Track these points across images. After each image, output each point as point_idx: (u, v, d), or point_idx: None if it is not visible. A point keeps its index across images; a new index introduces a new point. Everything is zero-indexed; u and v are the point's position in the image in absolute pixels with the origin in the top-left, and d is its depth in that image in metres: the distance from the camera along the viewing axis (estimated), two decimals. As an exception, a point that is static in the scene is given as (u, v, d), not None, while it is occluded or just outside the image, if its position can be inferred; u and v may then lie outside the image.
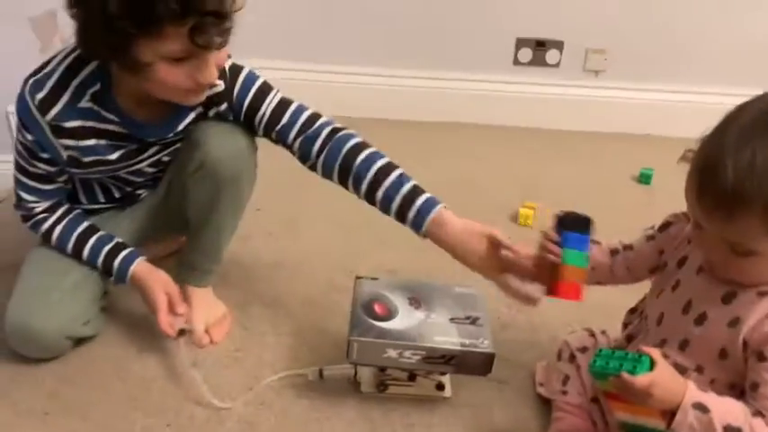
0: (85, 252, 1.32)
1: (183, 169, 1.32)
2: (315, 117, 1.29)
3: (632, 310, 1.17)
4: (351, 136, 1.27)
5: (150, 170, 1.37)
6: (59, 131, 1.21)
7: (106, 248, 1.32)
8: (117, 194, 1.42)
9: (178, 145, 1.34)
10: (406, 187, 1.21)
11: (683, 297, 1.01)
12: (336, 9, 2.38)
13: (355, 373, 1.26)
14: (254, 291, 1.53)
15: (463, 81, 2.48)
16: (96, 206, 1.42)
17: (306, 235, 1.76)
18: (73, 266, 1.32)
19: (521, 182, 2.12)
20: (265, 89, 1.29)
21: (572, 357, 1.19)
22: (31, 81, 1.19)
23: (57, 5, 1.12)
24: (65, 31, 2.33)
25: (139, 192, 1.43)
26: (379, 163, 1.23)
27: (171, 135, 1.29)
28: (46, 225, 1.32)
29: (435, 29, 2.42)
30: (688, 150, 0.91)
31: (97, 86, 1.20)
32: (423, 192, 1.21)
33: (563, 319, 1.49)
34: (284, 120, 1.28)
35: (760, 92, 0.91)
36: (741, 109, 0.88)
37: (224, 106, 1.27)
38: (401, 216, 1.22)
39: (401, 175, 1.23)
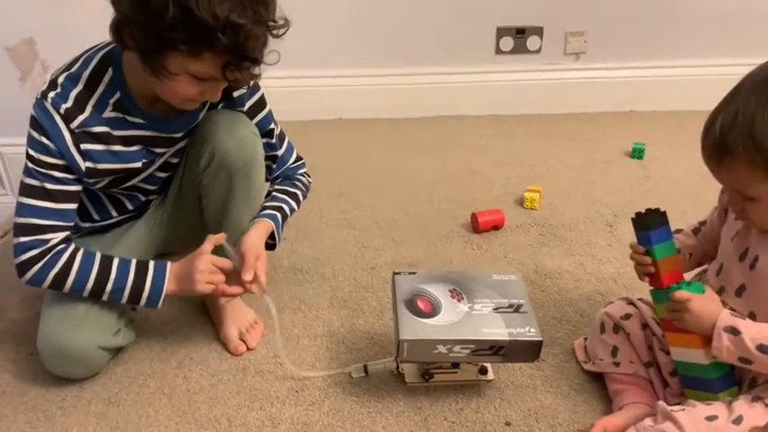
0: (114, 268, 1.24)
1: (194, 168, 1.34)
2: (297, 159, 1.50)
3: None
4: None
5: (161, 175, 1.38)
6: (83, 137, 1.20)
7: (134, 262, 1.27)
8: (129, 206, 1.42)
9: (182, 144, 1.35)
10: (271, 203, 1.41)
11: (740, 246, 1.07)
12: (323, 15, 2.40)
13: (397, 366, 1.28)
14: (281, 297, 1.55)
15: (449, 75, 2.53)
16: (110, 221, 1.42)
17: (321, 240, 1.78)
18: None
19: (520, 167, 2.17)
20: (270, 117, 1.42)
21: (616, 328, 1.21)
22: (51, 94, 1.17)
23: (32, 33, 1.10)
24: (44, 58, 2.34)
25: (150, 198, 1.44)
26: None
27: (194, 124, 1.32)
28: (65, 255, 1.22)
29: (418, 26, 2.47)
30: None
31: (117, 95, 1.22)
32: (271, 210, 1.39)
33: (581, 292, 1.54)
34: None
35: (738, 61, 1.03)
36: (745, 76, 0.98)
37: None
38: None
39: (283, 200, 1.42)
